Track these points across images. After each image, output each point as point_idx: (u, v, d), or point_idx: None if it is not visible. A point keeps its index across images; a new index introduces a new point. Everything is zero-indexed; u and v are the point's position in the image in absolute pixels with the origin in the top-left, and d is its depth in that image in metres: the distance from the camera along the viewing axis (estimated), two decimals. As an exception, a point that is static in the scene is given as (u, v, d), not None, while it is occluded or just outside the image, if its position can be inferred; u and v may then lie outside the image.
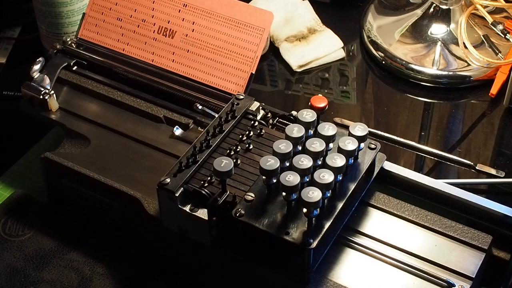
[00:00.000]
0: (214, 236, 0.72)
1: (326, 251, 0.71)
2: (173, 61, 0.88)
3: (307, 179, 0.70)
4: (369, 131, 0.74)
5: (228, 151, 0.75)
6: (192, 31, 0.88)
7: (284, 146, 0.71)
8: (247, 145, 0.76)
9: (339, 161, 0.70)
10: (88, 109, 0.89)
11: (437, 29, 1.06)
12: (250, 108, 0.80)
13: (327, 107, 0.76)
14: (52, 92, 0.88)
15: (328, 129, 0.74)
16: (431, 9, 1.07)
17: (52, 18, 0.99)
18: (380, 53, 1.06)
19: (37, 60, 0.90)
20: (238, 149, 0.76)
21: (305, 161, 0.70)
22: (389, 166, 0.79)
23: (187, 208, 0.72)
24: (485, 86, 1.01)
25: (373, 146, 0.76)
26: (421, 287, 0.71)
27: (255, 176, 0.73)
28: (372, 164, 0.76)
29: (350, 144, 0.72)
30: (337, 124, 0.84)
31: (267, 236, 0.68)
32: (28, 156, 0.94)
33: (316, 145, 0.71)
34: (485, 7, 1.04)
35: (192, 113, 0.85)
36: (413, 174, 0.79)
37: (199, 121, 0.85)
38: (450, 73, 1.02)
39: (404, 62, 1.04)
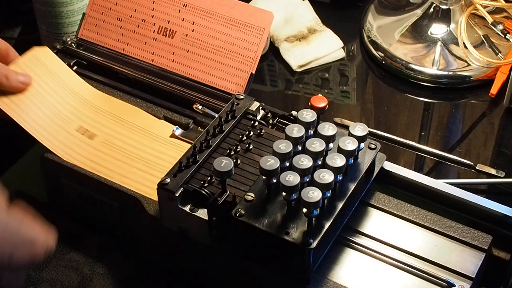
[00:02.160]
0: (214, 236, 0.72)
1: (326, 251, 0.71)
2: (173, 61, 0.88)
3: (307, 179, 0.70)
4: (369, 131, 0.74)
5: (228, 151, 0.75)
6: (192, 31, 0.88)
7: (284, 146, 0.71)
8: (247, 145, 0.76)
9: (339, 161, 0.70)
10: (88, 109, 0.89)
11: (437, 29, 1.06)
12: (250, 108, 0.80)
13: (327, 107, 0.76)
14: (52, 92, 0.88)
15: (328, 129, 0.74)
16: (431, 9, 1.07)
17: (52, 18, 0.99)
18: (380, 53, 1.06)
19: (37, 60, 0.90)
20: (238, 149, 0.76)
21: (305, 161, 0.70)
22: (389, 166, 0.79)
23: (187, 208, 0.72)
24: (485, 86, 1.01)
25: (373, 146, 0.75)
26: (421, 287, 0.71)
27: (255, 176, 0.73)
28: (372, 164, 0.76)
29: (350, 144, 0.72)
30: (337, 124, 0.84)
31: (267, 236, 0.68)
32: (28, 156, 0.94)
33: (316, 145, 0.71)
34: (485, 7, 1.04)
35: (192, 113, 0.85)
36: (413, 174, 0.79)
37: (199, 121, 0.85)
38: (450, 73, 1.02)
39: (404, 62, 1.04)
